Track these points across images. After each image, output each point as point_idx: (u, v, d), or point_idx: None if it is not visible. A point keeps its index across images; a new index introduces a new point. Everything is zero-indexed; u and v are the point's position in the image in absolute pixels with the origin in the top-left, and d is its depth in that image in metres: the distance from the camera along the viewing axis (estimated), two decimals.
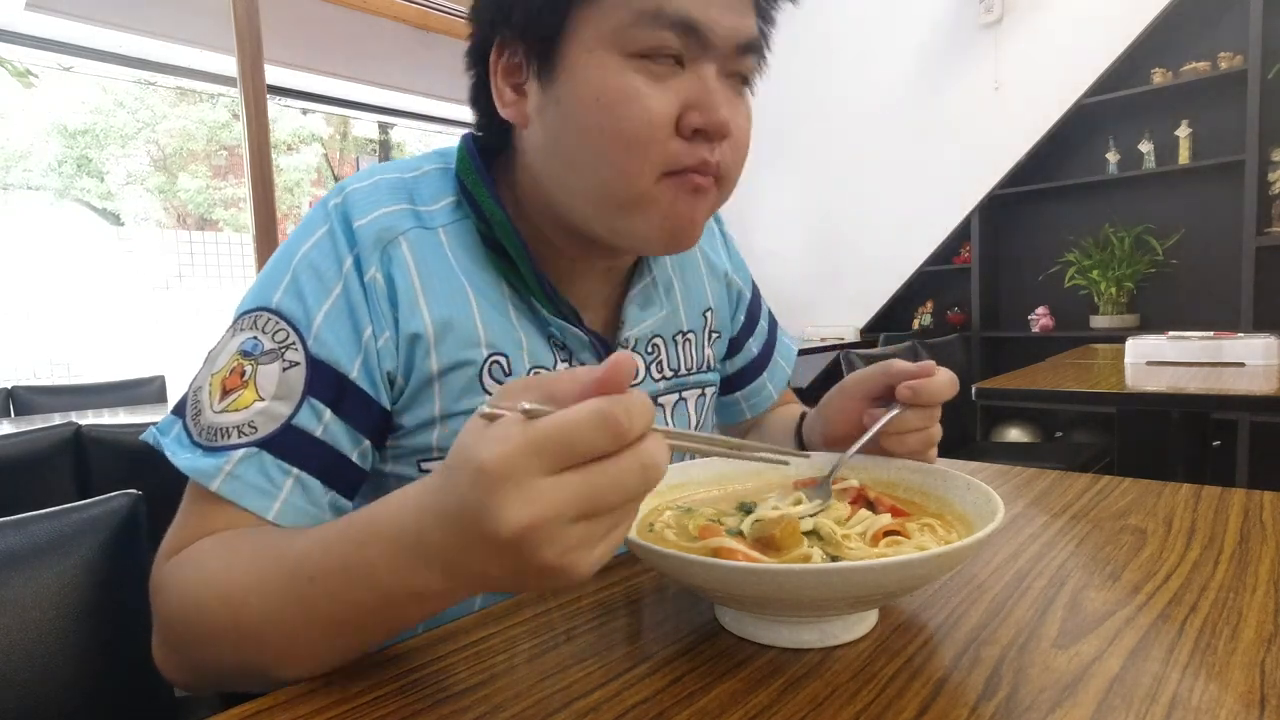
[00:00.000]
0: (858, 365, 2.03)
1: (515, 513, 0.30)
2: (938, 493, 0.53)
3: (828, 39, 4.06)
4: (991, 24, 3.49)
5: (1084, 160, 3.42)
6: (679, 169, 0.52)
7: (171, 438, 0.51)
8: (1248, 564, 0.52)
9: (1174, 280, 3.24)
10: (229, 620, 0.42)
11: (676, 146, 0.51)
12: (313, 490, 0.51)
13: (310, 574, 0.39)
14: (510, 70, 0.56)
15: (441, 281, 0.56)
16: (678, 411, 0.70)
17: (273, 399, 0.50)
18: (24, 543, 0.53)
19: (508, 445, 0.30)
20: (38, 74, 4.00)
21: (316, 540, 0.41)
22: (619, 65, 0.50)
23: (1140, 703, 0.35)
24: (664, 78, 0.51)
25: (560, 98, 0.52)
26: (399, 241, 0.55)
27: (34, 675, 0.51)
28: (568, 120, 0.52)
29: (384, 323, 0.53)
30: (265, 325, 0.52)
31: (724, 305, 0.77)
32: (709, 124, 0.51)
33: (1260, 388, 1.38)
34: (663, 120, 0.50)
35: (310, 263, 0.53)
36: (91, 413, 2.09)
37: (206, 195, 6.24)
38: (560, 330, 0.60)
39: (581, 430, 0.30)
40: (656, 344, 0.68)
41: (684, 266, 0.73)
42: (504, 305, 0.58)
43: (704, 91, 0.51)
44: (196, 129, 6.22)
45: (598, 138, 0.51)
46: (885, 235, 3.97)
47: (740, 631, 0.44)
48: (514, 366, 0.58)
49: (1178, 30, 3.11)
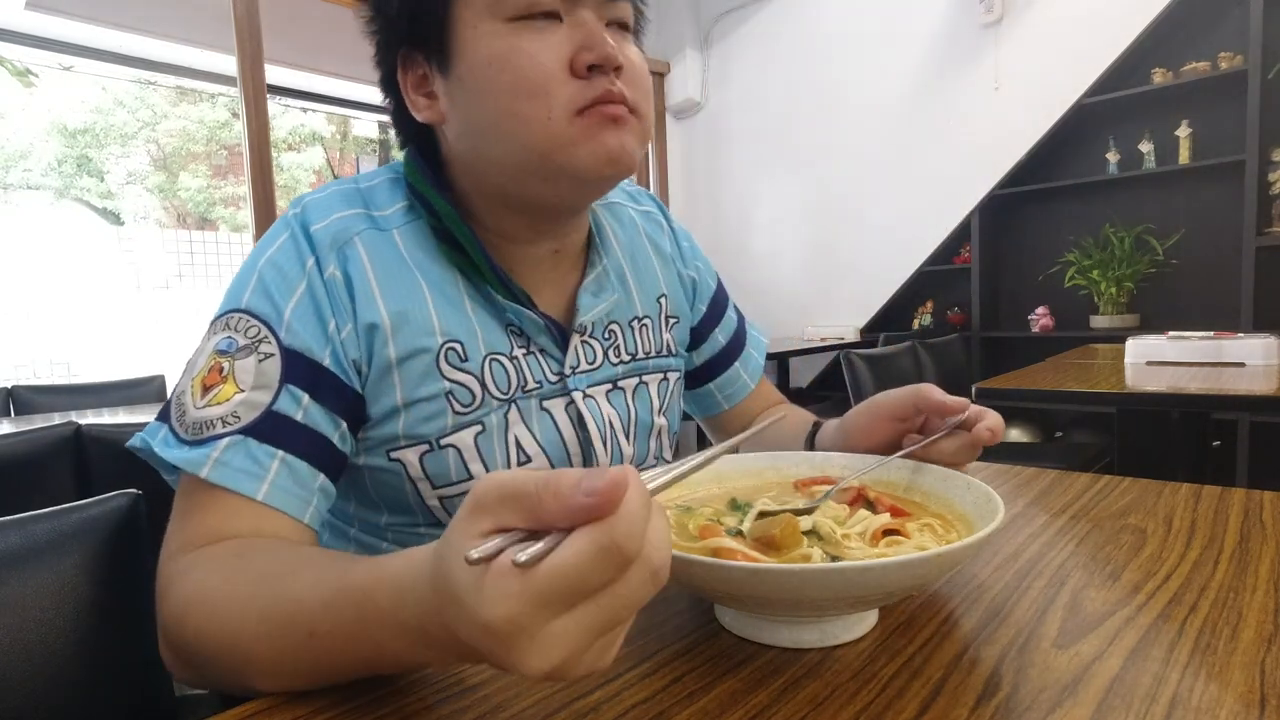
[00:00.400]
0: (858, 365, 2.03)
1: (536, 661, 0.28)
2: (938, 493, 0.53)
3: (828, 39, 4.06)
4: (991, 24, 3.49)
5: (1084, 160, 3.42)
6: (586, 104, 0.55)
7: (159, 440, 0.53)
8: (1248, 564, 0.52)
9: (1174, 280, 3.24)
10: (226, 648, 0.42)
11: (575, 86, 0.55)
12: (299, 471, 0.53)
13: (308, 629, 0.38)
14: (418, 82, 0.61)
15: (396, 276, 0.59)
16: (639, 395, 0.72)
17: (252, 389, 0.53)
18: (24, 542, 0.53)
19: (511, 605, 0.27)
20: (38, 73, 4.00)
21: (312, 587, 0.40)
22: (503, 30, 0.55)
23: (1140, 703, 0.35)
24: (545, 30, 0.55)
25: (462, 77, 0.57)
26: (354, 241, 0.59)
27: (34, 674, 0.51)
28: (472, 94, 0.57)
29: (345, 315, 0.57)
30: (238, 324, 0.55)
31: (678, 291, 0.79)
32: (599, 57, 0.55)
33: (1260, 388, 1.38)
34: (555, 65, 0.55)
35: (274, 264, 0.57)
36: (91, 412, 2.09)
37: (206, 195, 6.24)
38: (516, 315, 0.63)
39: (585, 572, 0.27)
40: (613, 329, 0.70)
41: (634, 255, 0.75)
42: (459, 297, 0.62)
43: (587, 33, 0.55)
44: (196, 128, 6.22)
45: (501, 98, 0.55)
46: (885, 235, 3.97)
47: (740, 631, 0.44)
48: (469, 352, 0.61)
49: (1178, 30, 3.10)
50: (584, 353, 0.67)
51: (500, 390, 0.62)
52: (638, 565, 0.28)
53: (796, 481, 0.58)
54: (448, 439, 0.60)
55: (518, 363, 0.63)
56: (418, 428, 0.59)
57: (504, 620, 0.27)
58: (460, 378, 0.60)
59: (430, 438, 0.60)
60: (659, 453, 0.74)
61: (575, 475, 0.27)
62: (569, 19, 0.56)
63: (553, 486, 0.27)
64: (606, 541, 0.27)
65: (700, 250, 0.85)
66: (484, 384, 0.61)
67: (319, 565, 0.42)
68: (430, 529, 0.64)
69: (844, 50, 4.01)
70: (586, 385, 0.67)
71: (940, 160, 3.72)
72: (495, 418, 0.62)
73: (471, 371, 0.61)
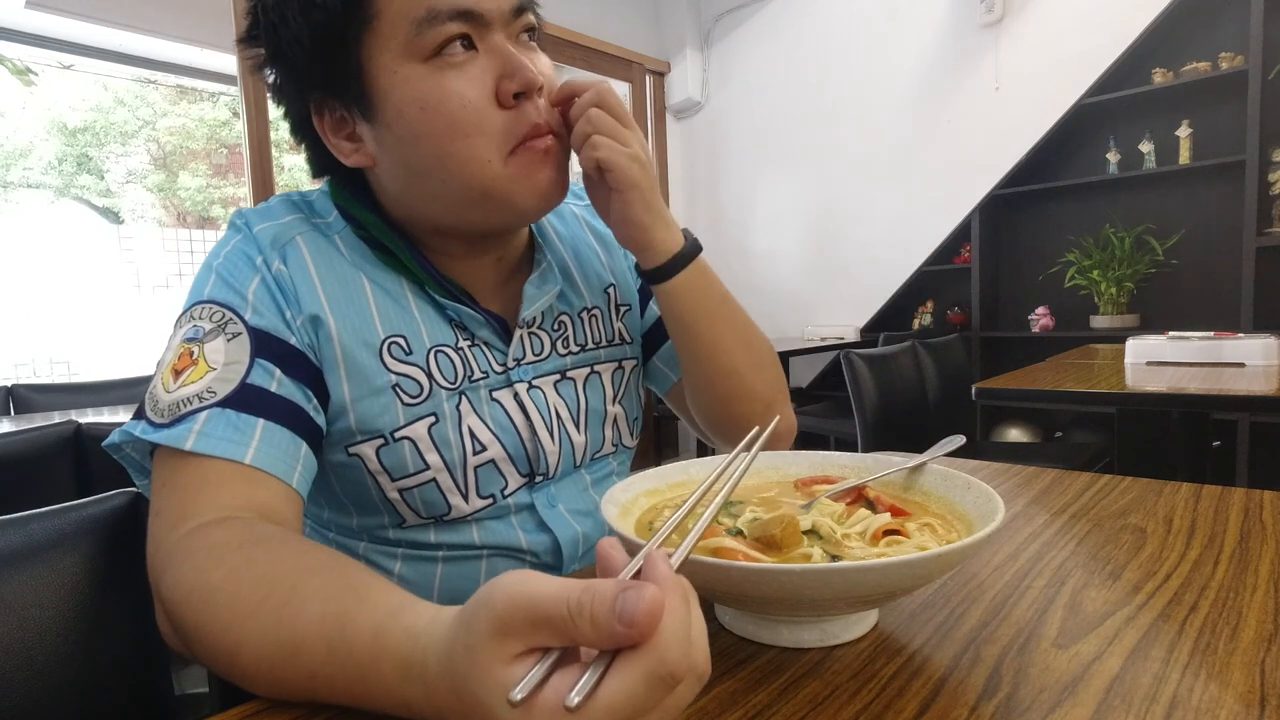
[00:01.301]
0: (858, 365, 2.02)
1: None
2: (938, 492, 0.53)
3: (828, 39, 4.06)
4: (992, 24, 3.48)
5: (1084, 160, 3.42)
6: (518, 142, 0.57)
7: (138, 430, 0.53)
8: (1248, 564, 0.52)
9: (1174, 280, 3.24)
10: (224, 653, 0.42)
11: (505, 119, 0.56)
12: (281, 439, 0.53)
13: (309, 670, 0.38)
14: (336, 125, 0.60)
15: (337, 274, 0.61)
16: (590, 385, 0.72)
17: (224, 365, 0.54)
18: (23, 541, 0.53)
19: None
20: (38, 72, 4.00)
21: (318, 623, 0.38)
22: (424, 71, 0.55)
23: (1140, 703, 0.35)
24: (465, 64, 0.55)
25: (389, 122, 0.56)
26: (295, 241, 0.61)
27: (34, 674, 0.50)
28: (403, 138, 0.56)
29: (295, 308, 0.58)
30: (202, 314, 0.56)
31: (626, 277, 0.79)
32: (524, 84, 0.56)
33: (1260, 388, 1.38)
34: (482, 99, 0.55)
35: (228, 261, 0.59)
36: (91, 411, 2.09)
37: (206, 194, 6.24)
38: (456, 312, 0.64)
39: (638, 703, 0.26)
40: (563, 320, 0.71)
41: (576, 248, 0.76)
42: (401, 294, 0.63)
43: (505, 60, 0.56)
44: (197, 127, 6.21)
45: (434, 141, 0.55)
46: (885, 235, 3.97)
47: (740, 631, 0.44)
48: (413, 346, 0.62)
49: (1178, 30, 3.10)
50: (530, 344, 0.68)
51: (447, 380, 0.63)
52: (687, 682, 0.28)
53: (797, 481, 0.59)
54: (401, 431, 0.61)
55: (463, 353, 0.64)
56: (370, 422, 0.60)
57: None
58: (405, 370, 0.61)
59: (384, 431, 0.61)
60: (616, 440, 0.75)
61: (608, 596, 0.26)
62: (482, 45, 0.56)
63: (587, 611, 0.26)
64: (657, 668, 0.26)
65: None
66: (430, 375, 0.62)
67: (329, 594, 0.40)
68: (399, 530, 0.65)
69: (844, 50, 4.01)
70: (532, 376, 0.68)
71: (940, 160, 3.72)
72: (448, 408, 0.63)
73: (416, 364, 0.62)
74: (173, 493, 0.50)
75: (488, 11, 0.55)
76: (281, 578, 0.42)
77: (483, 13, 0.55)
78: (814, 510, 0.50)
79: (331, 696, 0.38)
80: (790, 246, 4.37)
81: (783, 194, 4.37)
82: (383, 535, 0.65)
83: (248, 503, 0.50)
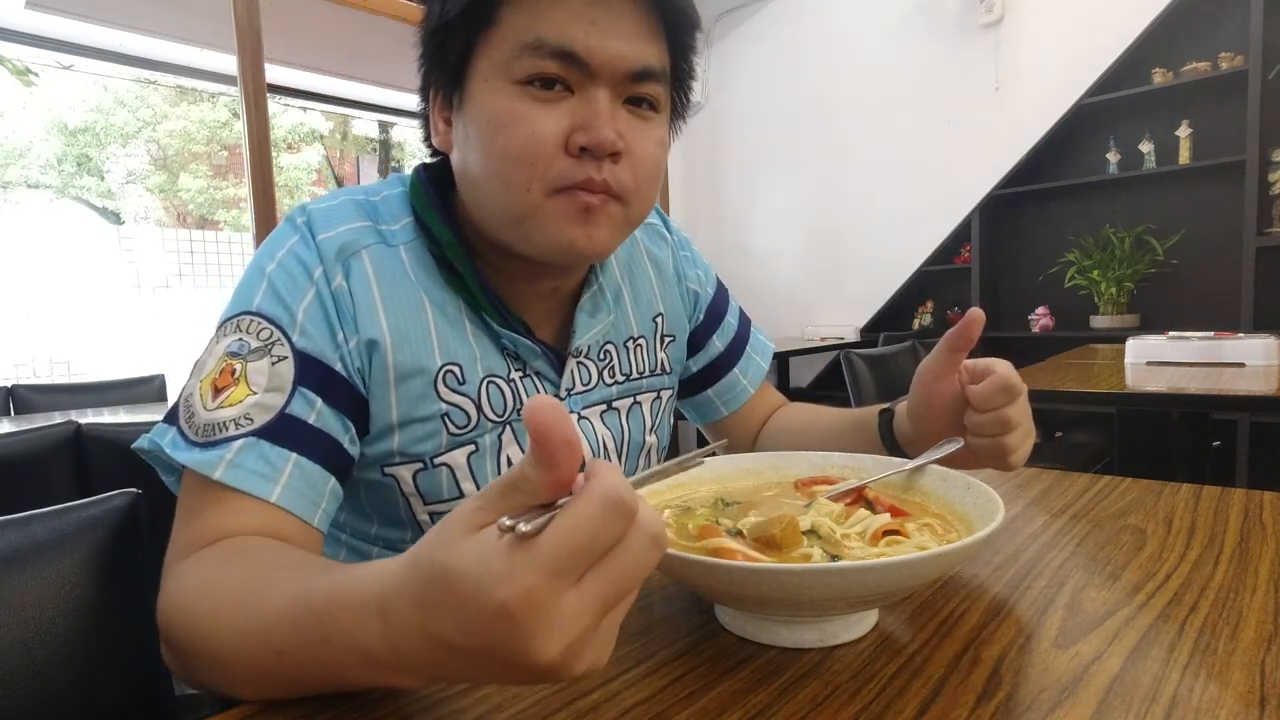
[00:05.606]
0: (858, 365, 2.02)
1: (548, 643, 0.27)
2: (938, 493, 0.53)
3: (828, 39, 4.06)
4: (992, 24, 3.49)
5: (1084, 160, 3.42)
6: (566, 185, 0.55)
7: (167, 441, 0.52)
8: (1248, 564, 0.52)
9: (1174, 280, 3.24)
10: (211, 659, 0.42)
11: (564, 164, 0.54)
12: (312, 474, 0.53)
13: (277, 648, 0.38)
14: (442, 106, 0.61)
15: (400, 294, 0.59)
16: (632, 415, 0.72)
17: (265, 391, 0.52)
18: (24, 541, 0.53)
19: (527, 578, 0.26)
20: (38, 72, 4.00)
21: (284, 603, 0.38)
22: (509, 91, 0.54)
23: (1140, 703, 0.35)
24: (554, 102, 0.54)
25: (467, 123, 0.57)
26: (360, 255, 0.59)
27: (34, 674, 0.50)
28: (470, 142, 0.57)
29: (350, 328, 0.57)
30: (249, 327, 0.54)
31: (676, 307, 0.79)
32: (593, 142, 0.53)
33: (1260, 388, 1.38)
34: (548, 138, 0.54)
35: (283, 269, 0.57)
36: (91, 411, 2.09)
37: (207, 194, 6.24)
38: (512, 342, 0.63)
39: (593, 527, 0.27)
40: (609, 350, 0.70)
41: (632, 273, 0.75)
42: (459, 319, 0.62)
43: (591, 113, 0.54)
44: (197, 128, 6.22)
45: (491, 156, 0.55)
46: (885, 235, 3.97)
47: (740, 631, 0.44)
48: (467, 375, 0.61)
49: (1178, 30, 3.10)
50: (580, 375, 0.67)
51: (496, 413, 0.62)
52: (636, 531, 0.28)
53: (797, 482, 0.59)
54: (441, 458, 0.61)
55: (514, 385, 0.63)
56: (413, 446, 0.60)
57: (520, 596, 0.26)
58: (457, 400, 0.60)
59: (425, 456, 0.60)
60: (647, 469, 0.74)
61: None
62: (580, 92, 0.54)
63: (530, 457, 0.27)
64: (607, 491, 0.27)
65: (699, 257, 0.85)
66: (480, 406, 0.61)
67: (295, 578, 0.40)
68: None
69: (844, 50, 4.01)
70: (581, 407, 0.67)
71: (940, 160, 3.72)
72: (489, 438, 0.62)
73: (468, 394, 0.61)
74: (192, 521, 0.50)
75: (594, 61, 0.53)
76: (256, 579, 0.43)
77: (589, 61, 0.53)
78: (814, 510, 0.50)
79: (298, 672, 0.37)
80: (790, 246, 4.37)
81: (782, 194, 4.37)
82: (401, 547, 0.65)
83: (259, 535, 0.50)
